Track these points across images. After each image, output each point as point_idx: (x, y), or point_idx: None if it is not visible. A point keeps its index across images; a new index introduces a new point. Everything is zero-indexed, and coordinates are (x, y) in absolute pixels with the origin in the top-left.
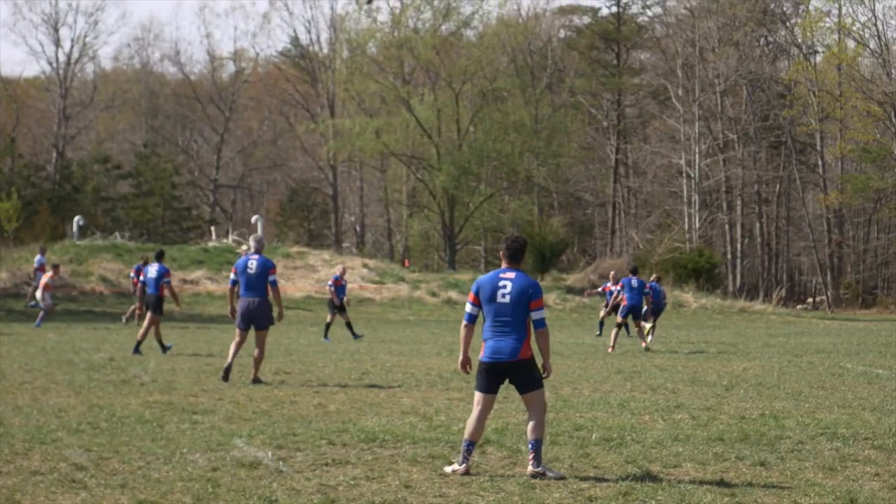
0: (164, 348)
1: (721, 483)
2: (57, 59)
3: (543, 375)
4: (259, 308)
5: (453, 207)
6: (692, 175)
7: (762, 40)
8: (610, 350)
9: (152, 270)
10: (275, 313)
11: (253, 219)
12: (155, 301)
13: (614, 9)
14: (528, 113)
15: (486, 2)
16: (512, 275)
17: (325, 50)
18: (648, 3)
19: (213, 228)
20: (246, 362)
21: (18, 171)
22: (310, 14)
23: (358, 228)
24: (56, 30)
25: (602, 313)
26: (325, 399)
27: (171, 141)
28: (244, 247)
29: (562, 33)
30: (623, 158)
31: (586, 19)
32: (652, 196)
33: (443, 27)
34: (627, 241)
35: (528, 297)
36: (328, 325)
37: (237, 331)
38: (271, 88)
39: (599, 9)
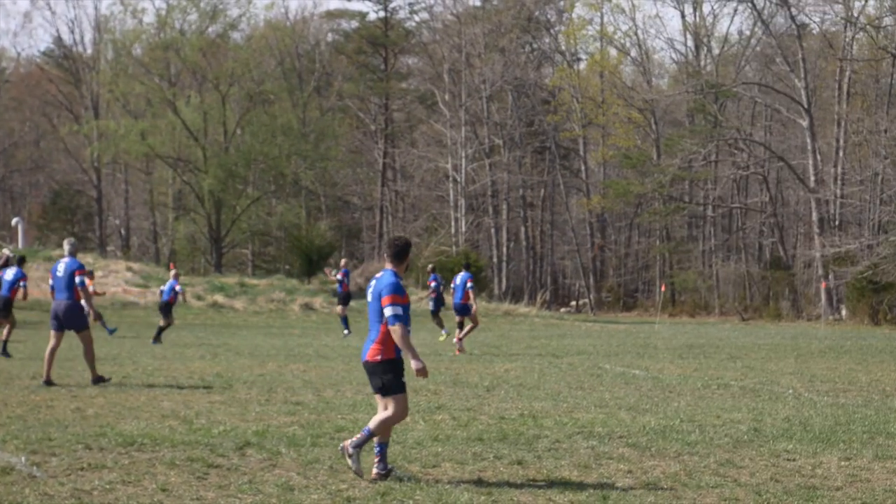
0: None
1: (479, 482)
2: None
3: (415, 374)
4: (66, 310)
5: (220, 210)
6: (459, 179)
7: (527, 47)
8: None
9: (9, 273)
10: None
11: (13, 221)
12: (3, 303)
13: (382, 13)
14: (296, 116)
15: (253, 4)
16: (381, 274)
17: (90, 50)
18: (416, 8)
19: None
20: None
21: None
22: (73, 14)
23: (123, 231)
24: None
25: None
26: (83, 403)
27: None
28: (4, 250)
29: (330, 37)
30: (391, 162)
31: (354, 24)
32: (419, 200)
33: (210, 29)
34: None
35: (380, 295)
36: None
37: (51, 332)
38: (33, 89)
39: (367, 13)
